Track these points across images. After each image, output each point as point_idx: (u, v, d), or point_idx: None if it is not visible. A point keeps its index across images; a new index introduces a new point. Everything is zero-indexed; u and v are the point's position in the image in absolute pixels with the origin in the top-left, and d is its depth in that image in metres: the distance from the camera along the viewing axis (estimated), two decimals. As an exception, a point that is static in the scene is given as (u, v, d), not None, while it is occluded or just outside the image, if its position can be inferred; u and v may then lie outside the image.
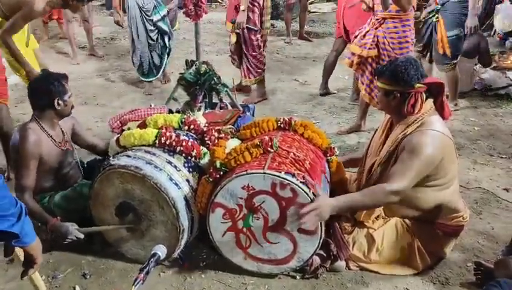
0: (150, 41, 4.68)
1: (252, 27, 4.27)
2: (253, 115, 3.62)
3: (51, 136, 2.45)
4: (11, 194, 1.29)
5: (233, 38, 4.37)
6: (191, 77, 2.84)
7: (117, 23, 4.91)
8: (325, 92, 4.76)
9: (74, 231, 2.23)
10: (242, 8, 4.14)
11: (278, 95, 4.85)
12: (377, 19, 3.33)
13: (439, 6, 3.95)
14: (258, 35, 4.36)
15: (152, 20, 4.61)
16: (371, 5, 3.40)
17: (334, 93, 4.80)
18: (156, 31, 4.67)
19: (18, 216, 1.29)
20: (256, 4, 4.23)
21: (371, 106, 3.70)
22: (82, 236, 2.24)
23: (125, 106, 4.32)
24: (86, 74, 5.53)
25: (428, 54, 4.28)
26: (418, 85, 2.14)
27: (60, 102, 2.41)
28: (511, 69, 5.25)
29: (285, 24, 7.05)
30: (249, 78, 4.51)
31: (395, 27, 3.28)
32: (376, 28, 3.33)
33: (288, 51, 6.48)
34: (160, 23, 4.65)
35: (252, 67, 4.47)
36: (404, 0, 3.12)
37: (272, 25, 7.83)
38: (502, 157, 3.49)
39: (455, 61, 4.09)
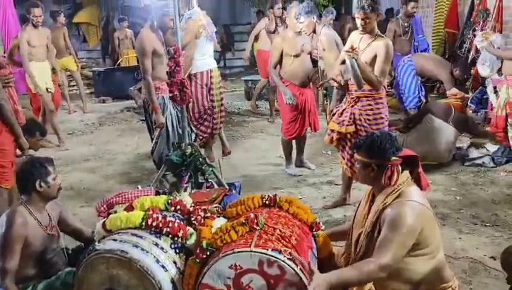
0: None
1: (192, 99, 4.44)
2: (239, 193, 3.67)
3: (37, 219, 2.46)
4: None
5: None
6: (177, 158, 2.93)
7: (161, 125, 4.09)
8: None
9: None
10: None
11: (263, 172, 4.94)
12: (352, 98, 3.55)
13: (325, 91, 4.59)
14: (200, 107, 4.65)
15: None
16: (342, 83, 3.62)
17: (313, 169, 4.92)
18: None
19: None
20: (198, 80, 4.56)
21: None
22: None
23: (112, 189, 4.34)
24: (73, 159, 5.60)
25: None
26: (393, 158, 2.24)
27: (43, 184, 2.45)
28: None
29: (269, 104, 7.36)
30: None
31: (369, 105, 3.49)
32: (352, 106, 3.54)
33: (272, 129, 6.69)
34: None
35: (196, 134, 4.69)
36: (376, 81, 3.35)
37: (257, 105, 8.18)
38: (486, 226, 3.54)
39: None
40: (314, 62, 4.53)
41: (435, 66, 5.94)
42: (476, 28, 7.22)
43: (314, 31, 4.36)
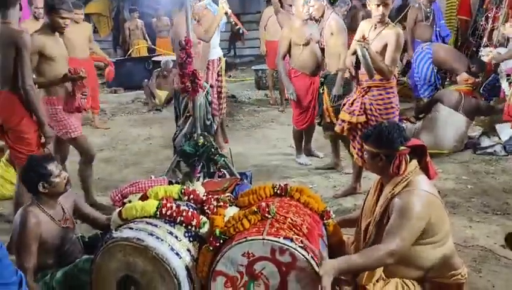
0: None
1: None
2: (250, 183, 3.72)
3: (50, 216, 2.52)
4: (11, 263, 1.34)
5: None
6: (190, 149, 2.98)
7: None
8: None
9: None
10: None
11: (274, 162, 4.98)
12: (363, 88, 3.55)
13: (323, 79, 4.35)
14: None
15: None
16: (353, 74, 3.62)
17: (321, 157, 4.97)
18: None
19: (19, 285, 1.34)
20: (210, 67, 4.76)
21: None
22: None
23: (126, 179, 4.41)
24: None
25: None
26: (401, 148, 2.27)
27: (46, 185, 2.48)
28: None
29: (279, 94, 7.35)
30: None
31: (380, 94, 3.49)
32: (362, 96, 3.55)
33: (283, 119, 6.71)
34: None
35: None
36: (387, 70, 3.36)
37: (266, 95, 8.19)
38: (496, 214, 3.55)
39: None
40: (322, 50, 4.54)
41: (453, 60, 5.87)
42: (489, 15, 7.13)
43: (322, 15, 4.37)
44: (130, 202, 3.05)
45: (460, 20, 8.01)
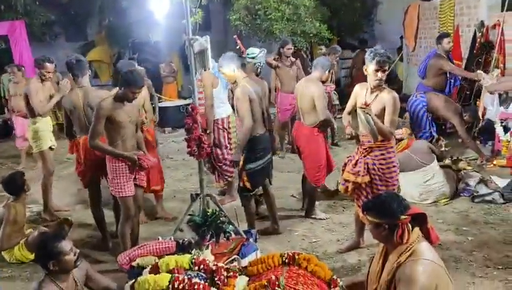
0: None
1: (217, 143, 5.16)
2: (255, 241, 3.80)
3: (62, 289, 2.60)
4: None
5: None
6: (199, 219, 3.08)
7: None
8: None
9: None
10: (208, 131, 4.95)
11: (278, 213, 5.01)
12: (364, 148, 3.68)
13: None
14: (224, 150, 5.19)
15: None
16: (353, 134, 3.77)
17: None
18: None
19: None
20: (220, 126, 5.14)
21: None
22: None
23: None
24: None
25: None
26: (402, 217, 2.38)
27: (56, 263, 2.56)
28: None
29: (279, 140, 7.44)
30: (219, 182, 5.39)
31: (382, 154, 3.62)
32: (364, 156, 3.67)
33: (282, 165, 6.78)
34: None
35: (221, 174, 5.27)
36: (388, 132, 3.51)
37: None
38: (498, 269, 3.60)
39: (254, 192, 4.34)
40: None
41: (447, 109, 6.04)
42: (480, 60, 7.39)
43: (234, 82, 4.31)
44: (137, 264, 3.12)
45: (452, 64, 8.25)
